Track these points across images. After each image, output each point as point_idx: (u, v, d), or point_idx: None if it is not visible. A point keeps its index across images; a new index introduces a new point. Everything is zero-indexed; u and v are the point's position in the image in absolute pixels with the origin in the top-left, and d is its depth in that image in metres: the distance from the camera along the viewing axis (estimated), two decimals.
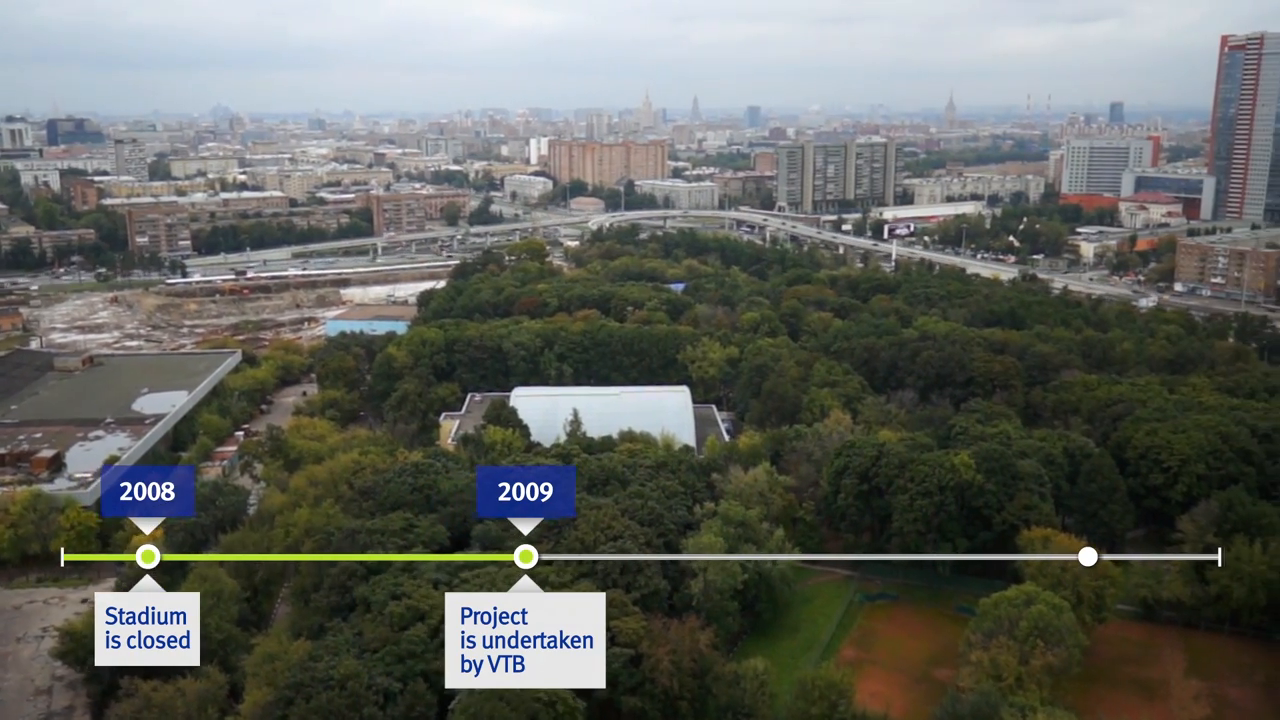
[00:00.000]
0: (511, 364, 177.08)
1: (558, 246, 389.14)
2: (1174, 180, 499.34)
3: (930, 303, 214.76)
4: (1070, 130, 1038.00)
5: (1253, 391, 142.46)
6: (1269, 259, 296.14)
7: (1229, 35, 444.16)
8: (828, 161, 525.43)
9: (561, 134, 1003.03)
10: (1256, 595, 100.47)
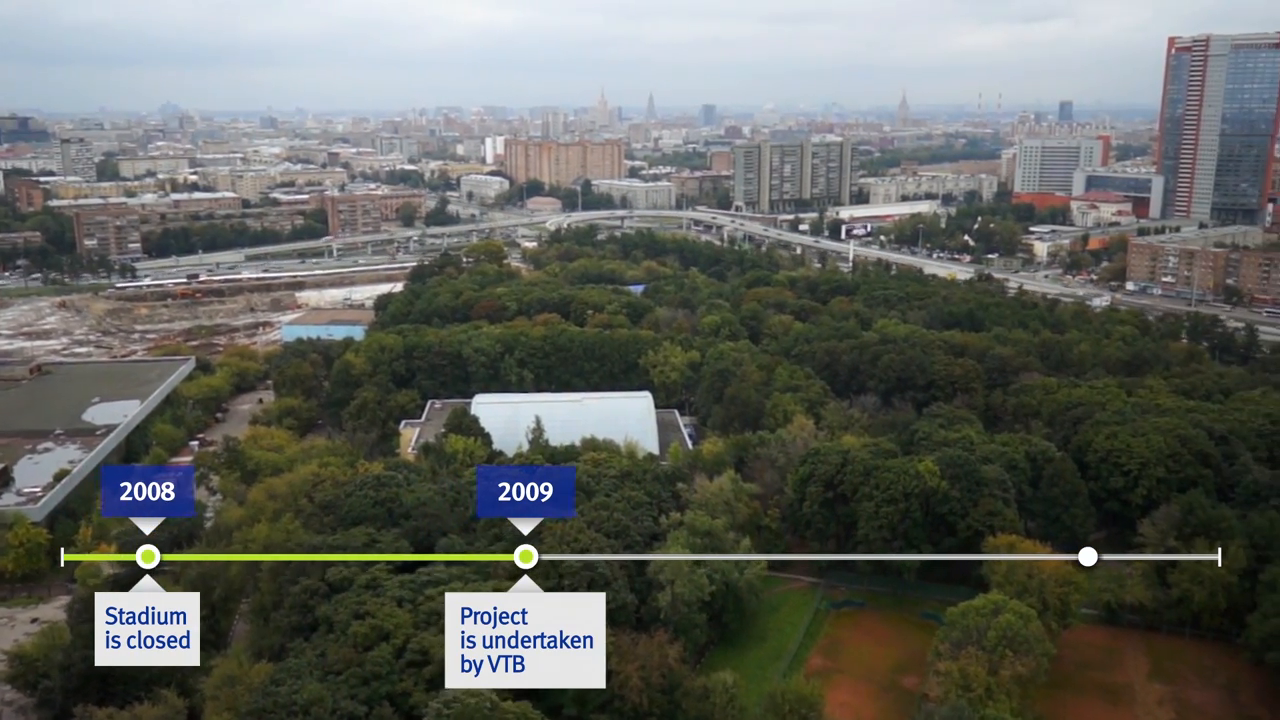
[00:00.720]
0: (472, 370, 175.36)
1: (515, 248, 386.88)
2: (1124, 179, 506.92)
3: (889, 304, 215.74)
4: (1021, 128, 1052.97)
5: (1208, 393, 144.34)
6: (1218, 258, 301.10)
7: (1176, 37, 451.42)
8: (784, 161, 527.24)
9: (517, 133, 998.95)
10: (1217, 598, 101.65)
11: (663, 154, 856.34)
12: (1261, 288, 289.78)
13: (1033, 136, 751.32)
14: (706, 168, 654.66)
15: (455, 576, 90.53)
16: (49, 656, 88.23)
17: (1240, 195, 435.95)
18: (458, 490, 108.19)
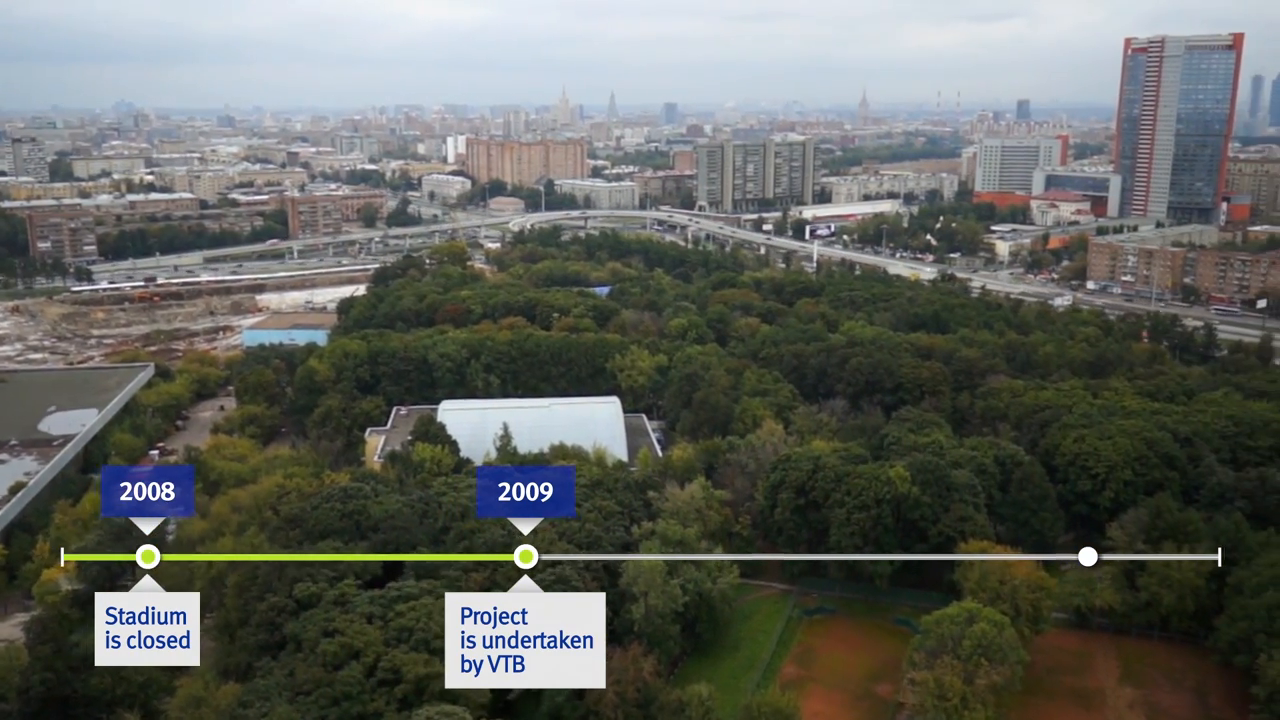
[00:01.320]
0: (437, 375, 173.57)
1: (478, 248, 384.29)
2: (1082, 178, 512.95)
3: (855, 306, 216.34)
4: (980, 127, 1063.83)
5: (1172, 395, 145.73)
6: (1176, 258, 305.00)
7: (1132, 38, 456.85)
8: (747, 160, 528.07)
9: (478, 131, 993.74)
10: (1185, 602, 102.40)
11: (625, 153, 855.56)
12: (1218, 286, 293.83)
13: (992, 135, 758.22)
14: (669, 167, 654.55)
15: (425, 591, 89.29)
16: (6, 679, 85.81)
17: (1196, 194, 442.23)
18: (426, 501, 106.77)
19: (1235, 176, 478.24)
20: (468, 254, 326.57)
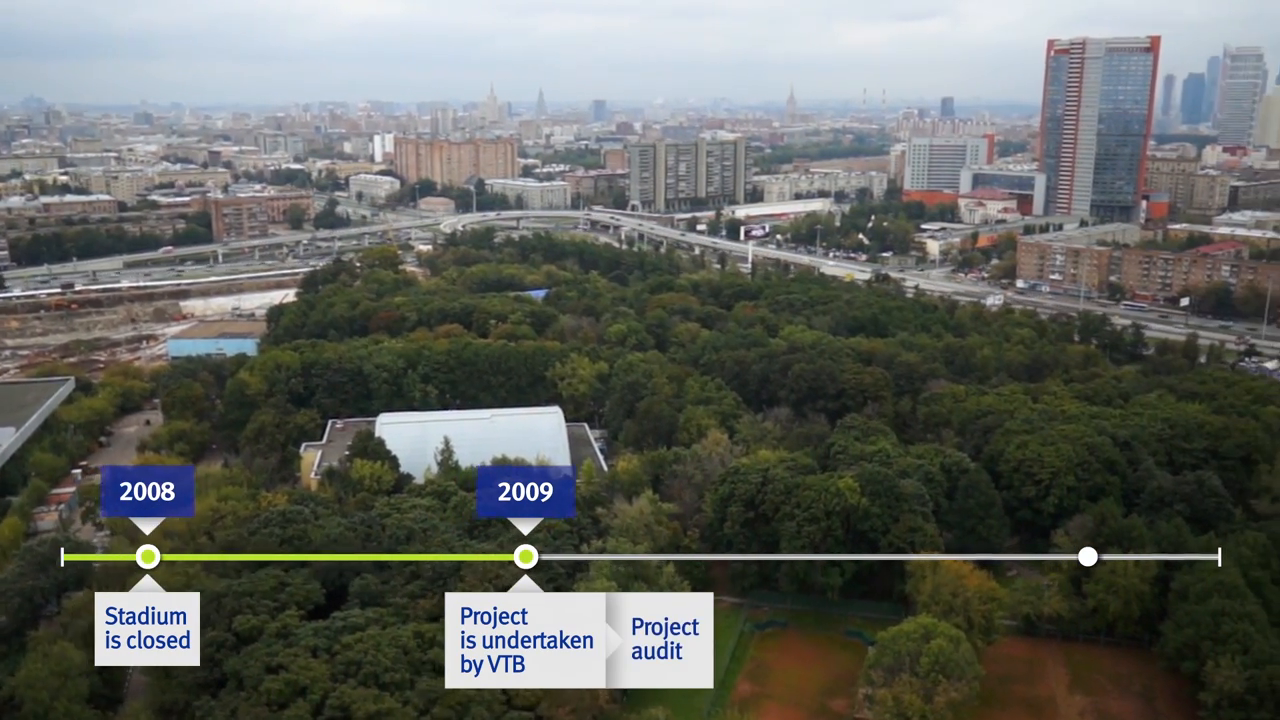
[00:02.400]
0: (374, 386, 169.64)
1: (409, 250, 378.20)
2: (1008, 177, 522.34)
3: (794, 310, 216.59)
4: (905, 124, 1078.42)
5: (1109, 399, 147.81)
6: (1101, 256, 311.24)
7: (1055, 40, 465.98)
8: (679, 160, 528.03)
9: (405, 129, 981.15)
10: (1131, 607, 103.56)
11: (555, 151, 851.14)
12: (1142, 284, 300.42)
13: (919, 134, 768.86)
14: (600, 166, 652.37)
15: (372, 621, 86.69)
16: None
17: (1117, 192, 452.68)
18: (369, 524, 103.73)
19: (1154, 175, 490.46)
20: (399, 257, 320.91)
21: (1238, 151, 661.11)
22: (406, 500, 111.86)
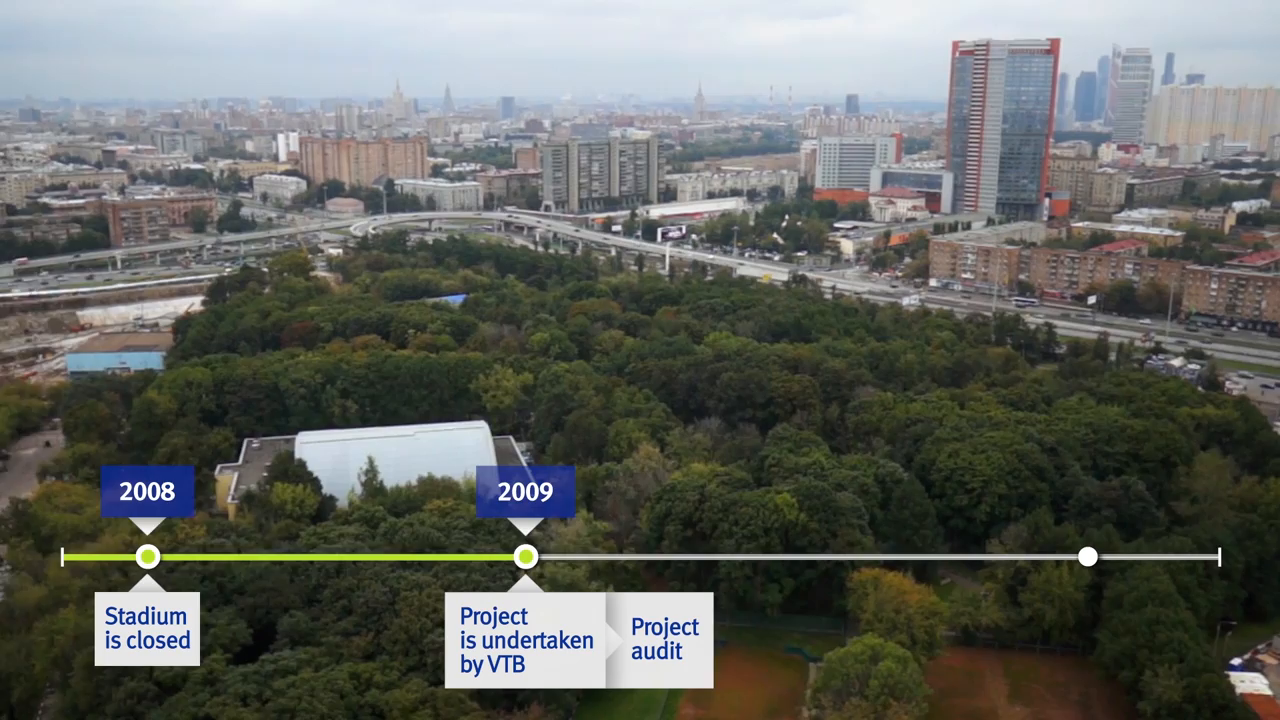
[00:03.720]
0: (290, 403, 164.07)
1: (319, 254, 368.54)
2: (916, 175, 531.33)
3: (717, 315, 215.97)
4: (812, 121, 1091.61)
5: (1033, 404, 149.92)
6: (1011, 255, 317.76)
7: (959, 41, 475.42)
8: (592, 159, 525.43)
9: (309, 127, 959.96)
10: (1066, 616, 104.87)
11: (464, 149, 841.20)
12: (1050, 283, 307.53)
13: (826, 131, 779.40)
14: (512, 165, 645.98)
15: (304, 662, 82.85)
16: None
17: (1021, 190, 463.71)
18: None
19: (1055, 173, 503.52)
20: (310, 263, 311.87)
21: (1131, 149, 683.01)
22: (333, 529, 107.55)
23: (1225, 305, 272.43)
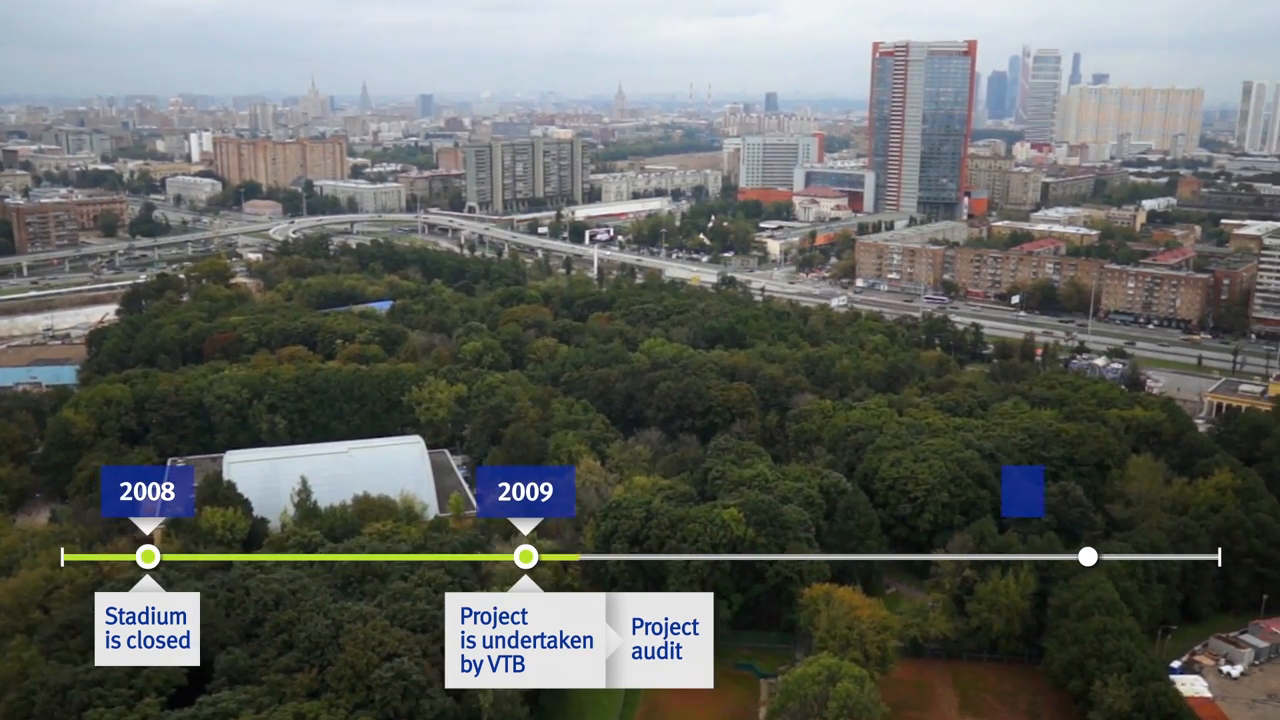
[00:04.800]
0: (216, 420, 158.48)
1: (238, 259, 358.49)
2: (839, 175, 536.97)
3: (651, 321, 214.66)
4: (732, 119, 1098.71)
5: (970, 409, 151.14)
6: (936, 255, 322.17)
7: (879, 42, 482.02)
8: (516, 159, 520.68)
9: (222, 125, 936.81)
10: (1012, 625, 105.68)
11: (384, 149, 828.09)
12: (973, 282, 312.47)
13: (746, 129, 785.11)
14: (434, 165, 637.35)
15: (244, 704, 79.36)
16: None
17: (941, 189, 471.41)
18: (230, 588, 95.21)
19: (973, 172, 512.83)
20: (230, 270, 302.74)
21: (1044, 148, 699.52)
22: (269, 558, 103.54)
23: (1142, 304, 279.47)
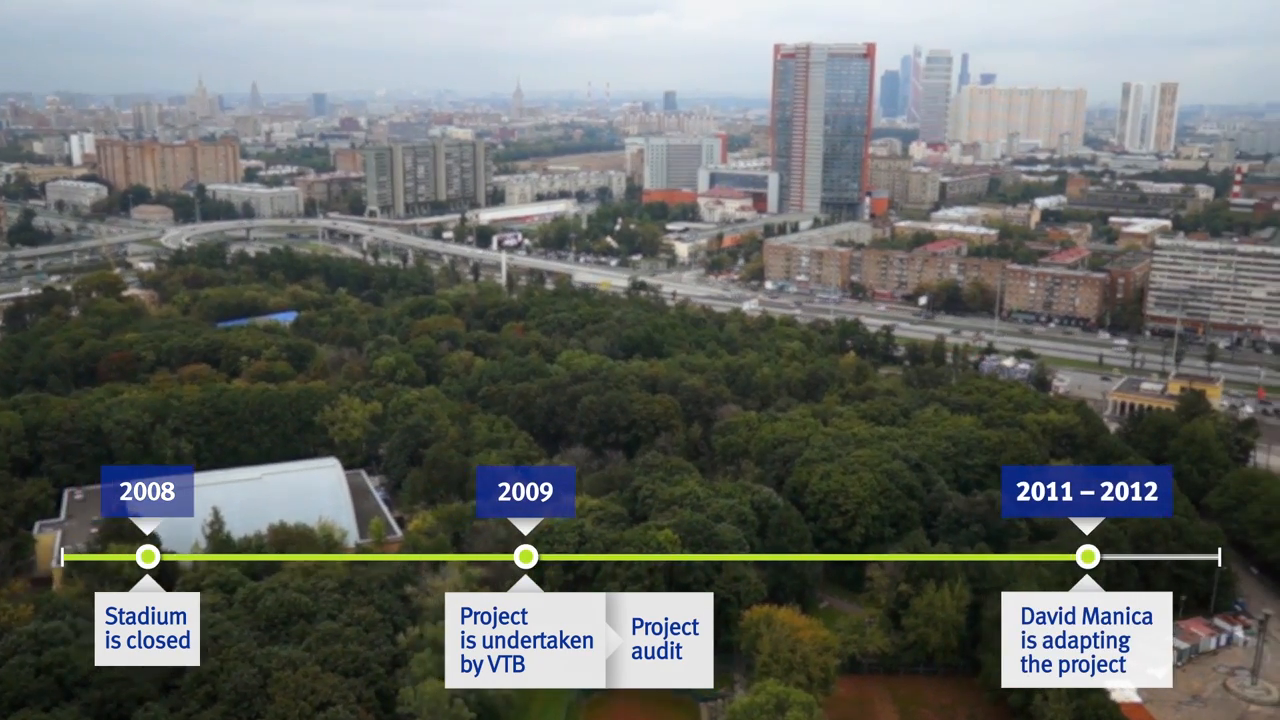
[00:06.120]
0: (115, 446, 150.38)
1: (129, 269, 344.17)
2: (743, 176, 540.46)
3: (566, 330, 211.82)
4: (632, 118, 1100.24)
5: (893, 417, 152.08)
6: (843, 257, 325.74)
7: (780, 44, 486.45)
8: (417, 162, 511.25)
9: (104, 125, 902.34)
10: (949, 638, 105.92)
11: (278, 150, 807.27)
12: (880, 283, 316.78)
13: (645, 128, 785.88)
14: (332, 168, 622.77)
15: None
16: None
17: (844, 190, 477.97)
18: None
19: (874, 172, 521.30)
20: (122, 282, 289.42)
21: (939, 147, 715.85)
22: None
23: (1043, 303, 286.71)
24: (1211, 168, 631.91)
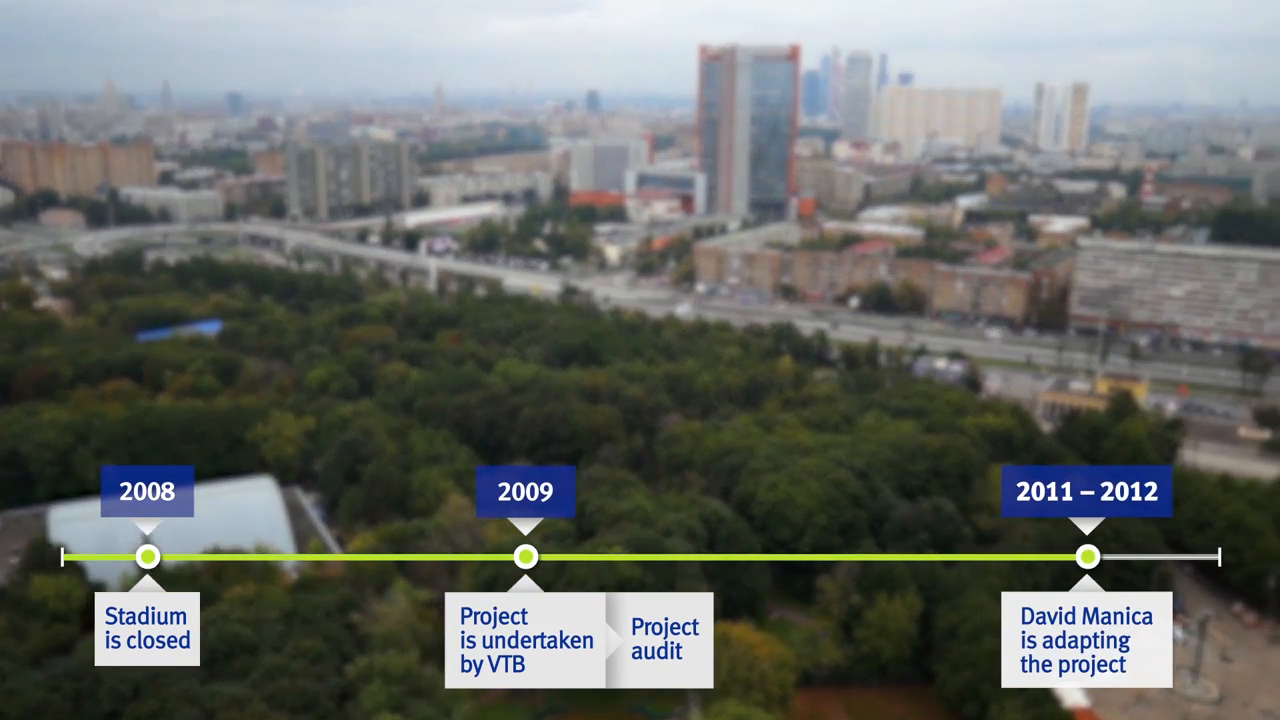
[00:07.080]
0: (35, 469, 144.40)
1: (40, 278, 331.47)
2: (671, 177, 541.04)
3: (501, 340, 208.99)
4: (555, 117, 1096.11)
5: (835, 425, 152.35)
6: (774, 260, 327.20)
7: (706, 46, 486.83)
8: (340, 164, 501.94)
9: (7, 125, 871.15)
10: (902, 648, 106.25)
11: (193, 151, 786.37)
12: (811, 285, 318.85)
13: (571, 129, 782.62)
14: (251, 171, 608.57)
15: None
16: None
17: (771, 191, 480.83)
18: (77, 678, 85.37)
19: (799, 173, 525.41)
20: (34, 292, 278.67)
21: (862, 147, 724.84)
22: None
23: (970, 303, 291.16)
24: (1123, 166, 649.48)
